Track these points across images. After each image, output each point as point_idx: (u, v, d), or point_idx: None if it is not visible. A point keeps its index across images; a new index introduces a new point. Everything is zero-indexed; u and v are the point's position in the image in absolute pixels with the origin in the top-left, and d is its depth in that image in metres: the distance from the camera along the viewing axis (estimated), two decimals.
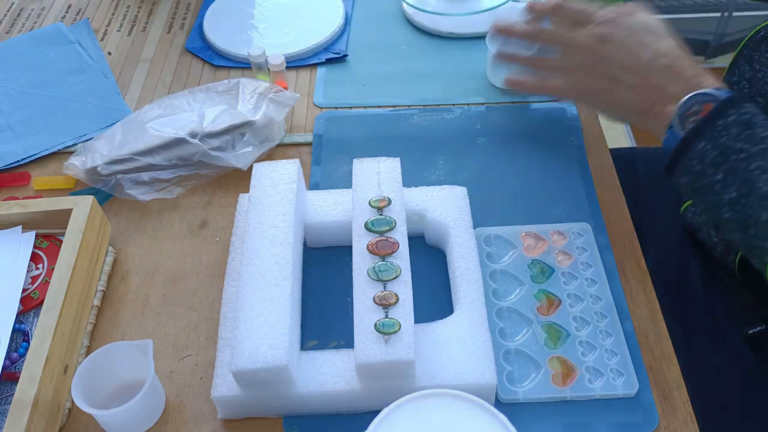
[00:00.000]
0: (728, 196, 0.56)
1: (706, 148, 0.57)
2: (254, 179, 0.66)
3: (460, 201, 0.68)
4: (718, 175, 0.56)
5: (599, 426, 0.57)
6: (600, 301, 0.64)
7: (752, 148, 0.55)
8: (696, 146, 0.57)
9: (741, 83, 0.69)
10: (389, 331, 0.54)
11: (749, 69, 0.68)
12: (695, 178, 0.58)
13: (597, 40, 0.66)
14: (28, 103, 0.87)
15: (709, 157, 0.57)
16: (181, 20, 1.00)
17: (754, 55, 0.69)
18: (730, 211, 0.56)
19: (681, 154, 0.59)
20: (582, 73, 0.68)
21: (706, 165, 0.57)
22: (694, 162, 0.58)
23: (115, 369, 0.58)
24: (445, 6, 0.95)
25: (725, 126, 0.56)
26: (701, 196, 0.59)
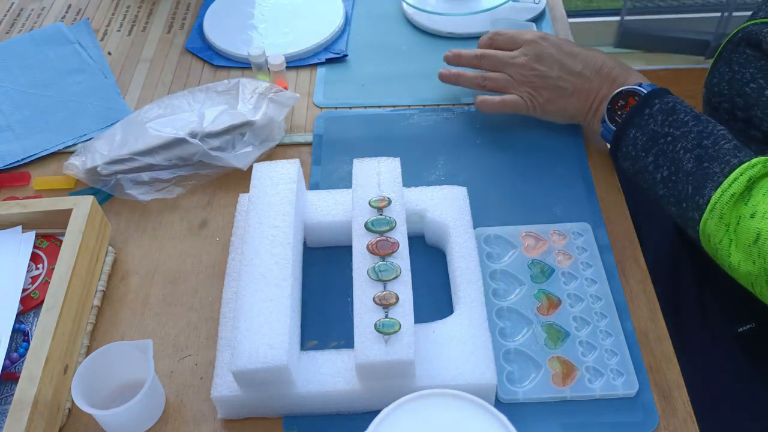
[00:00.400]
0: (660, 175, 0.63)
1: (636, 135, 0.65)
2: (254, 179, 0.66)
3: (460, 201, 0.68)
4: (650, 158, 0.64)
5: (599, 426, 0.57)
6: (600, 301, 0.64)
7: (676, 132, 0.62)
8: (628, 134, 0.66)
9: (721, 84, 0.71)
10: (389, 331, 0.54)
11: (728, 70, 0.70)
12: (632, 162, 0.66)
13: (533, 59, 0.75)
14: (28, 103, 0.87)
15: (640, 142, 0.65)
16: (181, 20, 1.00)
17: (732, 57, 0.70)
18: (664, 188, 0.63)
19: (618, 142, 0.67)
20: (527, 87, 0.76)
21: (638, 150, 0.65)
22: (629, 148, 0.66)
23: (115, 369, 0.58)
24: (445, 6, 0.96)
25: (651, 114, 0.64)
26: (641, 177, 0.66)
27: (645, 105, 0.65)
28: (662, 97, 0.65)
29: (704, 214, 0.58)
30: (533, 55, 0.75)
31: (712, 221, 0.57)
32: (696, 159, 0.60)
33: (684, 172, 0.60)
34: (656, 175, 0.63)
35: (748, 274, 0.56)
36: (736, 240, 0.56)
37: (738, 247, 0.56)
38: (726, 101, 0.70)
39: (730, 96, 0.70)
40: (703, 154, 0.60)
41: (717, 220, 0.57)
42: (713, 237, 0.58)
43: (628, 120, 0.66)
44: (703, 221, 0.58)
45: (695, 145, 0.60)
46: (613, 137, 0.67)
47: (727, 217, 0.56)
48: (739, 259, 0.56)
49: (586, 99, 0.73)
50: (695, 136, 0.61)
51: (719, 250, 0.58)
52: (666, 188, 0.63)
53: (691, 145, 0.61)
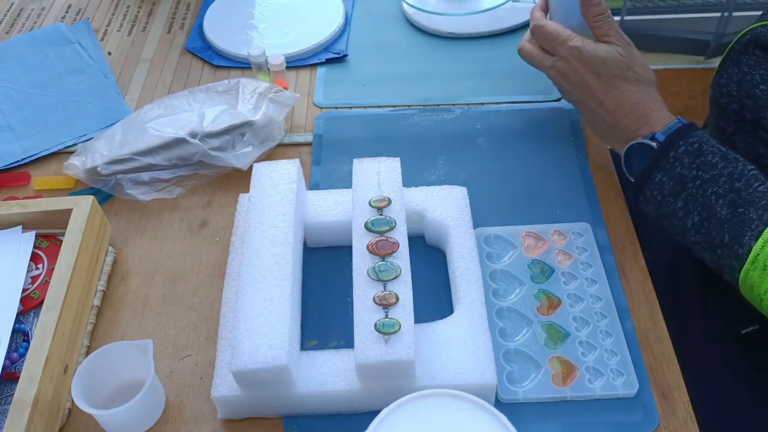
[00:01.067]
0: (691, 221, 0.60)
1: (663, 180, 0.62)
2: (254, 179, 0.66)
3: (460, 201, 0.68)
4: (679, 203, 0.61)
5: (599, 426, 0.57)
6: (600, 301, 0.64)
7: (705, 175, 0.59)
8: (653, 178, 0.62)
9: (730, 85, 0.70)
10: (389, 331, 0.54)
11: (737, 71, 0.69)
12: (658, 206, 0.63)
13: (558, 74, 0.72)
14: (28, 103, 0.87)
15: (667, 187, 0.61)
16: (181, 20, 1.00)
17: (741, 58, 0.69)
18: (696, 234, 0.60)
19: (642, 186, 0.63)
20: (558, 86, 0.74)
21: (665, 195, 0.61)
22: (654, 193, 0.62)
23: (115, 369, 0.58)
24: (445, 6, 0.95)
25: (676, 157, 0.61)
26: (667, 222, 0.63)
27: (669, 147, 0.61)
28: (687, 138, 0.61)
29: (745, 265, 0.55)
30: (559, 70, 0.71)
31: (755, 272, 0.55)
32: (730, 204, 0.57)
33: (718, 219, 0.58)
34: (687, 222, 0.60)
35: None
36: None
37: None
38: (735, 102, 0.69)
39: (739, 97, 0.69)
40: (737, 199, 0.57)
41: (760, 271, 0.55)
42: (757, 288, 0.56)
43: (653, 163, 0.62)
44: (744, 272, 0.56)
45: (727, 189, 0.58)
46: (637, 181, 0.64)
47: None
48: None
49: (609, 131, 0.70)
50: (726, 179, 0.58)
51: (764, 300, 0.56)
52: (698, 234, 0.60)
53: (723, 190, 0.58)
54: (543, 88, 0.86)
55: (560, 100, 0.84)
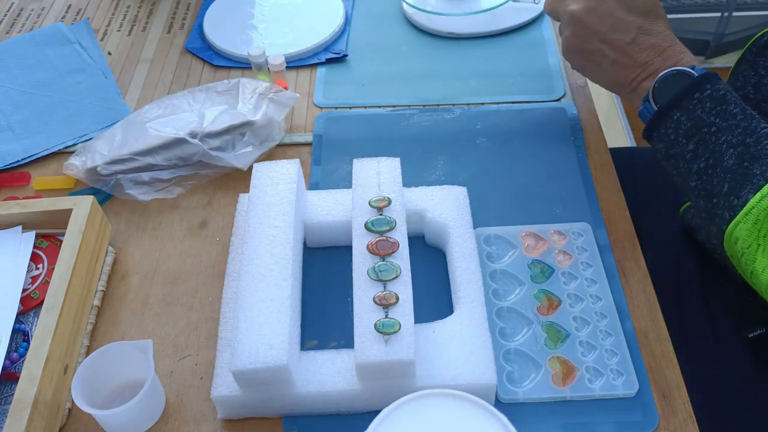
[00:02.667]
0: (697, 166, 0.60)
1: (681, 119, 0.61)
2: (254, 179, 0.66)
3: (460, 201, 0.68)
4: (690, 146, 0.60)
5: (599, 426, 0.57)
6: (600, 301, 0.64)
7: (722, 123, 0.59)
8: (672, 116, 0.62)
9: (746, 88, 0.70)
10: (389, 331, 0.54)
11: (754, 74, 0.68)
12: (669, 145, 0.62)
13: (585, 11, 0.68)
14: (28, 103, 0.87)
15: (684, 127, 0.61)
16: (181, 20, 1.00)
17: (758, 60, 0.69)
18: (698, 179, 0.60)
19: (658, 122, 0.63)
20: (572, 39, 0.71)
21: (679, 135, 0.61)
22: (669, 131, 0.62)
23: (115, 369, 0.58)
24: (445, 6, 0.95)
25: (700, 99, 0.60)
26: (674, 163, 0.63)
27: (696, 88, 0.61)
28: (714, 83, 0.61)
29: (737, 216, 0.56)
30: (586, 8, 0.68)
31: (745, 225, 0.55)
32: (738, 156, 0.57)
33: (723, 168, 0.58)
34: (692, 165, 0.60)
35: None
36: (765, 246, 0.54)
37: (765, 253, 0.54)
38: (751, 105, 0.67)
39: (755, 100, 0.68)
40: (745, 152, 0.57)
41: (751, 225, 0.55)
42: (742, 241, 0.56)
43: (675, 101, 0.61)
44: (735, 223, 0.56)
45: (740, 141, 0.57)
46: (654, 115, 0.63)
47: (760, 223, 0.54)
48: (765, 266, 0.54)
49: (628, 73, 0.67)
50: (741, 132, 0.58)
51: (745, 254, 0.56)
52: (699, 180, 0.60)
53: (736, 141, 0.58)
54: (543, 88, 0.86)
55: (560, 100, 0.84)
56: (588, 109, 0.83)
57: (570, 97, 0.85)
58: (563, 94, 0.85)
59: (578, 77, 0.87)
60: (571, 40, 0.71)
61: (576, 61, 0.73)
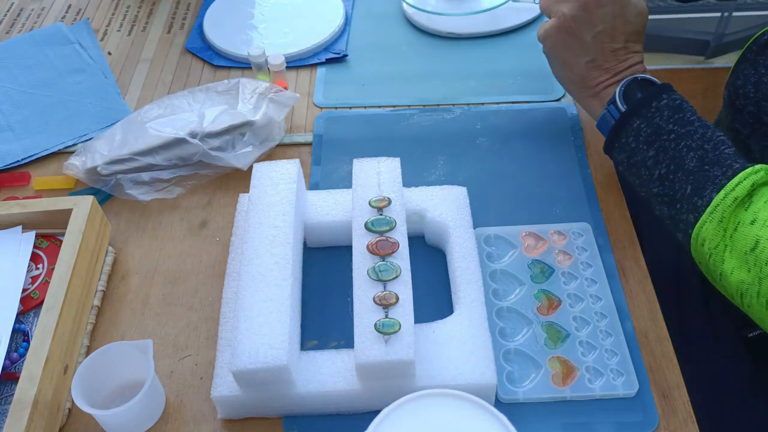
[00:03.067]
0: (658, 172, 0.61)
1: (641, 126, 0.63)
2: (254, 179, 0.66)
3: (460, 201, 0.68)
4: (651, 152, 0.62)
5: (599, 426, 0.57)
6: (600, 301, 0.64)
7: (681, 129, 0.61)
8: (632, 124, 0.64)
9: (746, 86, 0.69)
10: (389, 331, 0.54)
11: (754, 72, 0.68)
12: (631, 154, 0.64)
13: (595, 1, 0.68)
14: (28, 103, 0.87)
15: (643, 134, 0.63)
16: (181, 20, 1.00)
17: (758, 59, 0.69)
18: (660, 186, 0.61)
19: (619, 132, 0.65)
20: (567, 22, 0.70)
21: (640, 142, 0.63)
22: (630, 139, 0.64)
23: (115, 369, 0.58)
24: (445, 6, 0.95)
25: (658, 108, 0.62)
26: (635, 172, 0.64)
27: (653, 98, 0.63)
28: (670, 93, 0.63)
29: (702, 216, 0.56)
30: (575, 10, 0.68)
31: (711, 224, 0.56)
32: (699, 159, 0.58)
33: (684, 171, 0.59)
34: (654, 171, 0.62)
35: (740, 282, 0.54)
36: (732, 246, 0.54)
37: (733, 254, 0.54)
38: (751, 104, 0.69)
39: (756, 99, 0.68)
40: (705, 157, 0.58)
41: (716, 223, 0.55)
42: (708, 241, 0.56)
43: (634, 110, 0.63)
44: (701, 223, 0.56)
45: (699, 145, 0.59)
46: (615, 125, 0.65)
47: (726, 222, 0.55)
48: (733, 267, 0.54)
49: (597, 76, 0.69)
50: (699, 137, 0.60)
51: (712, 255, 0.56)
52: (662, 186, 0.61)
53: (696, 145, 0.59)
54: (543, 88, 0.86)
55: (560, 100, 0.84)
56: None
57: (570, 97, 0.85)
58: (563, 94, 0.85)
59: None
60: (566, 22, 0.70)
61: (555, 46, 0.71)
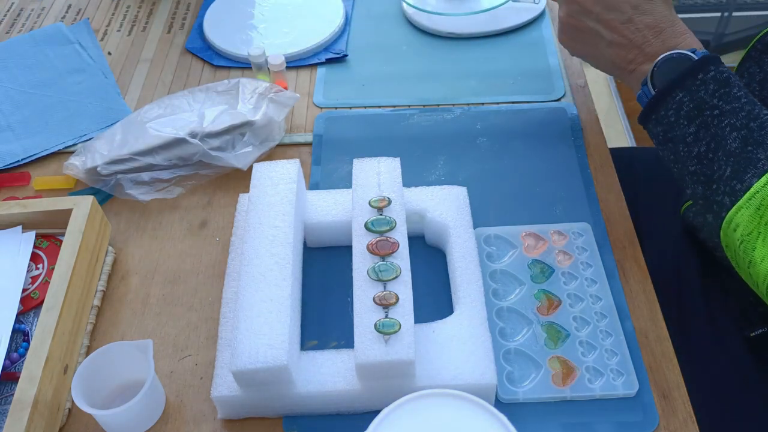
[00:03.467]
0: (698, 149, 0.58)
1: (683, 100, 0.59)
2: (254, 179, 0.66)
3: (460, 201, 0.68)
4: (691, 128, 0.58)
5: (599, 426, 0.57)
6: (600, 301, 0.64)
7: (726, 106, 0.57)
8: (674, 96, 0.59)
9: (751, 85, 0.69)
10: (389, 331, 0.54)
11: (759, 71, 0.68)
12: (669, 128, 0.60)
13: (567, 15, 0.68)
14: (28, 103, 0.87)
15: (685, 108, 0.59)
16: (181, 20, 1.00)
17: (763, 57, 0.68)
18: (698, 164, 0.58)
19: (658, 103, 0.61)
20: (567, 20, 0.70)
21: (680, 116, 0.59)
22: (670, 112, 0.60)
23: (115, 369, 0.58)
24: (445, 6, 0.95)
25: (704, 81, 0.58)
26: (672, 147, 0.61)
27: (699, 69, 0.59)
28: (718, 65, 0.59)
29: (739, 201, 0.54)
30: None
31: (747, 210, 0.53)
32: (742, 140, 0.55)
33: (725, 152, 0.56)
34: (693, 149, 0.58)
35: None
36: (766, 234, 0.53)
37: (766, 242, 0.53)
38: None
39: (761, 97, 0.67)
40: (749, 137, 0.55)
41: (753, 210, 0.53)
42: (743, 227, 0.54)
43: (678, 81, 0.59)
44: (737, 208, 0.54)
45: (744, 124, 0.56)
46: (655, 96, 0.61)
47: (763, 209, 0.53)
48: (764, 255, 0.53)
49: (625, 54, 0.65)
50: (745, 115, 0.56)
51: (744, 242, 0.54)
52: (700, 164, 0.58)
53: (740, 124, 0.56)
54: (543, 88, 0.86)
55: (560, 100, 0.84)
56: (588, 109, 0.83)
57: (570, 97, 0.85)
58: (563, 94, 0.85)
59: (578, 77, 0.87)
60: (566, 21, 0.69)
61: (573, 46, 0.71)
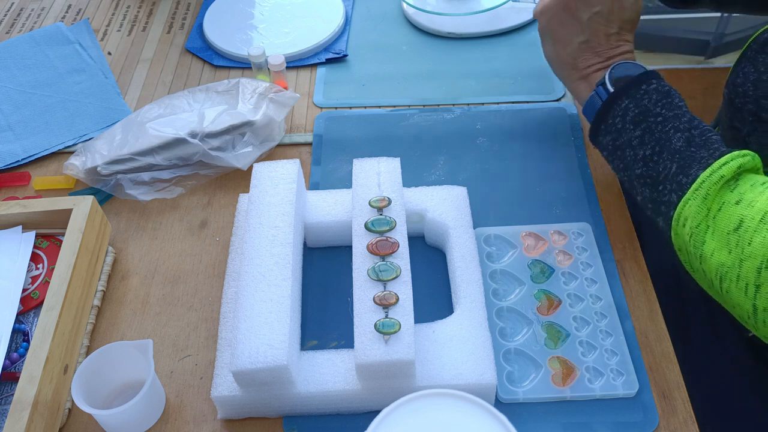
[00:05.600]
0: (643, 152, 0.61)
1: (629, 106, 0.63)
2: (254, 179, 0.66)
3: (460, 201, 0.68)
4: (637, 131, 0.62)
5: (599, 426, 0.57)
6: (600, 301, 0.64)
7: (668, 113, 0.61)
8: (620, 104, 0.64)
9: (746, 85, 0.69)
10: (389, 331, 0.54)
11: (753, 71, 0.68)
12: (617, 135, 0.64)
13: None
14: (28, 103, 0.87)
15: (631, 114, 0.63)
16: (181, 20, 1.00)
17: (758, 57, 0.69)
18: (644, 167, 0.61)
19: (607, 111, 0.65)
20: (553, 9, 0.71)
21: (627, 122, 0.63)
22: (617, 119, 0.64)
23: (115, 369, 0.58)
24: (445, 6, 0.95)
25: (647, 91, 0.63)
26: (620, 154, 0.64)
27: (642, 81, 0.64)
28: (659, 80, 0.64)
29: (686, 194, 0.55)
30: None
31: (695, 201, 0.54)
32: (686, 141, 0.59)
33: (670, 151, 0.59)
34: (639, 152, 0.61)
35: (720, 265, 0.53)
36: (714, 227, 0.53)
37: (715, 235, 0.53)
38: (751, 102, 0.68)
39: (755, 97, 0.68)
40: (691, 139, 0.58)
41: (701, 200, 0.54)
42: (691, 220, 0.55)
43: (623, 90, 0.64)
44: (684, 201, 0.55)
45: (686, 128, 0.59)
46: (603, 105, 0.65)
47: (710, 200, 0.54)
48: (714, 248, 0.53)
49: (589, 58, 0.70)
50: (687, 121, 0.60)
51: (693, 236, 0.55)
52: (646, 167, 0.61)
53: (683, 127, 0.60)
54: (543, 88, 0.86)
55: (560, 100, 0.84)
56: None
57: (570, 97, 0.85)
58: (563, 94, 0.85)
59: None
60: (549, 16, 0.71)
61: (551, 22, 0.72)
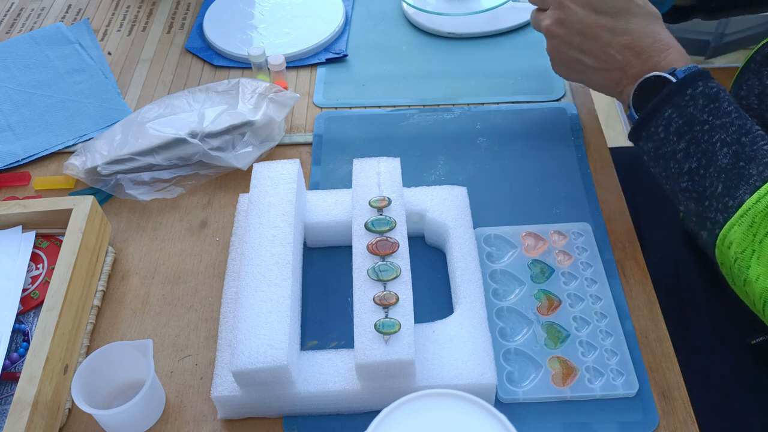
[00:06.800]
0: (688, 166, 0.58)
1: (672, 116, 0.59)
2: (254, 179, 0.66)
3: (460, 201, 0.68)
4: (681, 144, 0.58)
5: (599, 426, 0.57)
6: (600, 301, 0.64)
7: (716, 121, 0.56)
8: (663, 113, 0.59)
9: (750, 98, 0.68)
10: (389, 331, 0.54)
11: (758, 84, 0.67)
12: (659, 145, 0.60)
13: (556, 24, 0.68)
14: (28, 103, 0.87)
15: (675, 125, 0.59)
16: (181, 20, 1.00)
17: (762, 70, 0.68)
18: (689, 180, 0.58)
19: (647, 120, 0.60)
20: (552, 53, 0.71)
21: (670, 133, 0.59)
22: (659, 129, 0.60)
23: (115, 369, 0.58)
24: (445, 6, 0.96)
25: (693, 96, 0.58)
26: (663, 164, 0.60)
27: (687, 85, 0.59)
28: (706, 81, 0.59)
29: (732, 218, 0.53)
30: (555, 20, 0.68)
31: (740, 228, 0.53)
32: (733, 155, 0.55)
33: (716, 168, 0.55)
34: (684, 165, 0.58)
35: (765, 290, 0.52)
36: (760, 252, 0.52)
37: (760, 261, 0.52)
38: (755, 116, 0.66)
39: (760, 111, 0.66)
40: (741, 152, 0.55)
41: (746, 227, 0.52)
42: (736, 245, 0.53)
43: (666, 98, 0.59)
44: (729, 225, 0.53)
45: (734, 140, 0.55)
46: (645, 112, 0.61)
47: (756, 227, 0.52)
48: (759, 273, 0.52)
49: (611, 77, 0.66)
50: (735, 130, 0.56)
51: (738, 260, 0.53)
52: (691, 181, 0.57)
53: (730, 139, 0.55)
54: (543, 88, 0.86)
55: (560, 100, 0.84)
56: (588, 109, 0.83)
57: (570, 97, 0.85)
58: (563, 94, 0.85)
59: None
60: (553, 54, 0.72)
61: (564, 73, 0.73)
